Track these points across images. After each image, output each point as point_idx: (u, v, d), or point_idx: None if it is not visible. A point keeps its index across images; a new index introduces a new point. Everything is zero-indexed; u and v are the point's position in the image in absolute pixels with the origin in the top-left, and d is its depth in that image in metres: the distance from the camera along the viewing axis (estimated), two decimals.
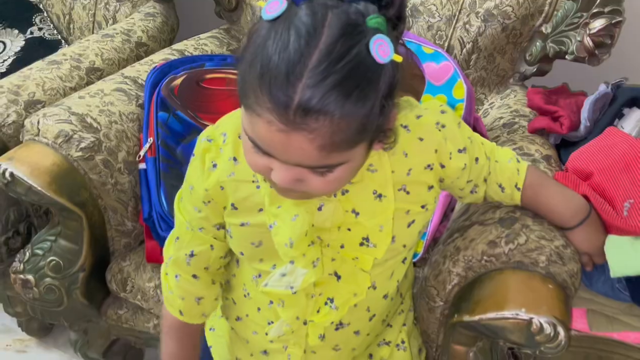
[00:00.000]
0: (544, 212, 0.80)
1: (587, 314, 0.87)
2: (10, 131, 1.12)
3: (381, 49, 0.46)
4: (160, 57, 1.27)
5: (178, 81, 1.15)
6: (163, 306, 0.79)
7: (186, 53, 1.30)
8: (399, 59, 0.48)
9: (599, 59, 1.05)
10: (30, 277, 1.08)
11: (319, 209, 0.61)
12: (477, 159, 0.71)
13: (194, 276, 0.73)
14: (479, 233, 0.80)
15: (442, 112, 0.68)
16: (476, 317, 0.74)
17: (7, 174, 0.98)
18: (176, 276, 0.74)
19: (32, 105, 1.15)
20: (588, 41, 1.03)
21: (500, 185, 0.75)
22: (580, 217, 0.79)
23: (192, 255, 0.71)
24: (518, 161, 0.77)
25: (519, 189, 0.76)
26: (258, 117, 0.48)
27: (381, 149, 0.58)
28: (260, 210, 0.63)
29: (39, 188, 0.98)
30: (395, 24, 0.50)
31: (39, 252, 1.08)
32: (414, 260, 0.95)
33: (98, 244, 1.11)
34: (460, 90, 1.03)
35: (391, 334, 0.81)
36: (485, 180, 0.75)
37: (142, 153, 1.09)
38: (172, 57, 1.25)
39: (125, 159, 1.10)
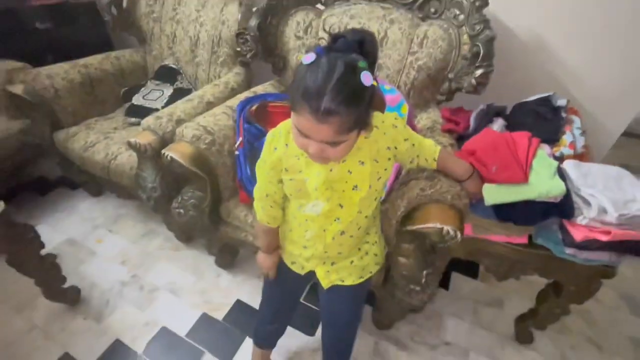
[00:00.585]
0: (449, 172, 0.81)
1: (472, 227, 0.89)
2: (169, 135, 1.13)
3: (366, 78, 0.50)
4: (243, 95, 1.26)
5: (254, 107, 1.15)
6: (257, 222, 0.80)
7: (257, 92, 1.30)
8: (375, 83, 0.52)
9: (479, 91, 1.04)
10: (181, 210, 1.10)
11: (331, 170, 0.64)
12: (413, 145, 0.71)
13: (270, 206, 0.75)
14: (415, 184, 0.81)
15: (396, 118, 0.69)
16: (414, 227, 0.77)
17: (168, 157, 1.00)
18: (262, 208, 0.76)
19: (179, 122, 1.16)
20: (473, 82, 1.02)
21: (426, 159, 0.76)
22: (468, 174, 0.81)
23: (267, 195, 0.73)
24: (435, 145, 0.77)
25: (435, 160, 0.77)
26: (301, 116, 0.52)
27: (364, 135, 0.60)
28: (300, 172, 0.65)
29: (185, 164, 1.00)
30: (372, 66, 0.53)
31: (186, 197, 1.10)
32: (381, 200, 0.97)
33: (215, 193, 1.12)
34: (405, 109, 1.03)
35: (369, 238, 0.81)
36: (418, 156, 0.75)
37: (236, 146, 1.10)
38: (250, 95, 1.24)
39: (228, 150, 1.11)
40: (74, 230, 1.57)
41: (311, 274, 0.82)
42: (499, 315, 1.28)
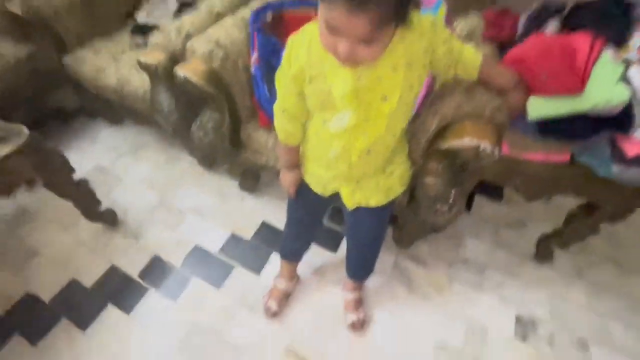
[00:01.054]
0: (491, 83, 0.72)
1: (508, 144, 0.83)
2: (179, 52, 1.06)
3: None
4: (256, 3, 1.13)
5: (269, 17, 1.05)
6: (278, 140, 0.76)
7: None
8: None
9: None
10: (201, 133, 1.09)
11: (359, 77, 0.57)
12: (452, 50, 0.63)
13: (288, 121, 0.71)
14: (450, 99, 0.74)
15: (434, 19, 0.60)
16: (447, 145, 0.73)
17: (182, 77, 0.95)
18: (280, 124, 0.73)
19: (188, 36, 1.07)
20: None
21: (465, 68, 0.67)
22: (512, 84, 0.72)
23: (283, 111, 0.69)
24: (477, 52, 0.68)
25: (476, 69, 0.67)
26: (333, 9, 0.46)
27: (401, 32, 0.53)
28: (325, 79, 0.59)
29: (199, 84, 0.95)
30: None
31: (204, 120, 1.07)
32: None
33: (233, 114, 1.08)
34: (442, 11, 0.90)
35: (395, 158, 0.76)
36: (456, 64, 0.66)
37: (252, 62, 1.02)
38: (264, 3, 1.10)
39: (242, 65, 1.04)
40: (100, 157, 1.61)
41: (334, 196, 0.81)
42: (521, 236, 1.28)
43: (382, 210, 0.81)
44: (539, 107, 0.71)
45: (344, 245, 1.27)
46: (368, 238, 0.87)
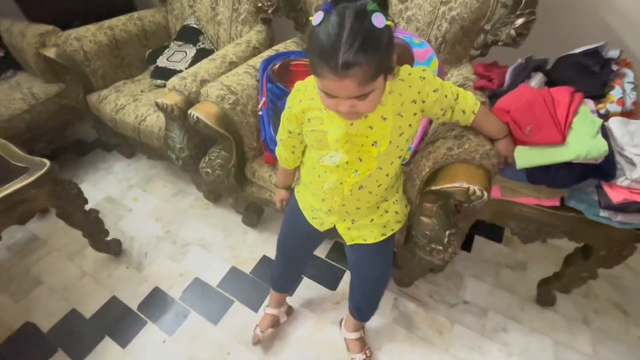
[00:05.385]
0: (483, 130, 0.77)
1: (500, 189, 0.87)
2: (194, 96, 1.14)
3: (378, 20, 0.47)
4: (266, 54, 1.23)
5: (276, 66, 1.12)
6: (279, 164, 0.88)
7: (280, 50, 1.26)
8: (390, 22, 0.49)
9: (519, 43, 0.96)
10: (208, 170, 1.13)
11: (352, 124, 0.63)
12: (446, 96, 0.68)
13: (284, 149, 0.80)
14: (442, 143, 0.79)
15: (424, 70, 0.66)
16: (439, 187, 0.75)
17: (194, 117, 1.02)
18: (278, 147, 0.82)
19: (203, 82, 1.16)
20: (513, 33, 0.94)
21: (463, 111, 0.72)
22: (503, 134, 0.78)
23: (280, 140, 0.79)
24: (477, 99, 0.74)
25: (474, 113, 0.73)
26: (323, 77, 0.51)
27: (391, 79, 0.58)
28: (321, 123, 0.65)
29: (210, 124, 1.02)
30: (384, 6, 0.50)
31: (212, 157, 1.12)
32: (404, 163, 0.95)
33: (240, 153, 1.13)
34: (435, 64, 0.97)
35: (390, 197, 0.80)
36: (452, 108, 0.71)
37: (259, 106, 1.09)
38: (272, 54, 1.21)
39: (251, 109, 1.10)
40: (111, 189, 1.67)
41: (329, 231, 0.84)
42: (522, 278, 1.27)
43: (381, 247, 0.82)
44: (525, 157, 0.75)
45: (343, 283, 1.26)
46: (371, 275, 0.86)
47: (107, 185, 1.69)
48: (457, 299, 1.21)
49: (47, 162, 0.99)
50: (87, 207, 1.19)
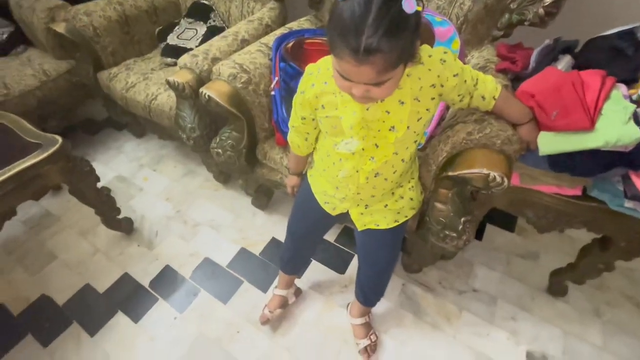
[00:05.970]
0: (505, 115, 0.74)
1: (519, 176, 0.84)
2: (205, 74, 1.12)
3: (409, 4, 0.44)
4: (279, 31, 1.19)
5: (290, 45, 1.09)
6: (291, 151, 0.86)
7: (293, 28, 1.22)
8: (419, 8, 0.45)
9: (547, 23, 0.90)
10: (219, 150, 1.12)
11: (368, 109, 0.61)
12: (465, 81, 0.65)
13: (297, 136, 0.78)
14: (462, 127, 0.76)
15: (445, 52, 0.62)
16: (457, 172, 0.74)
17: (206, 96, 1.00)
18: (290, 134, 0.79)
19: (215, 60, 1.14)
20: (541, 11, 0.89)
21: (482, 97, 0.69)
22: (526, 119, 0.75)
23: (293, 127, 0.76)
24: (497, 83, 0.70)
25: (495, 99, 0.69)
26: (341, 59, 0.48)
27: (412, 66, 0.56)
28: (336, 109, 0.63)
29: (222, 103, 1.00)
30: None
31: (223, 137, 1.11)
32: (419, 147, 0.93)
33: (251, 134, 1.12)
34: (456, 44, 0.94)
35: (405, 182, 0.78)
36: (470, 94, 0.68)
37: (272, 86, 1.07)
38: (285, 32, 1.17)
39: (263, 89, 1.08)
40: (122, 168, 1.68)
41: (341, 216, 0.83)
42: (533, 267, 1.25)
43: (393, 233, 0.81)
44: (549, 143, 0.72)
45: (351, 267, 1.26)
46: (380, 261, 0.86)
47: (117, 164, 1.70)
48: (467, 287, 1.21)
49: (60, 139, 0.99)
50: (99, 185, 1.20)
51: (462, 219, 0.82)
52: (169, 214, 1.47)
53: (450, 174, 0.76)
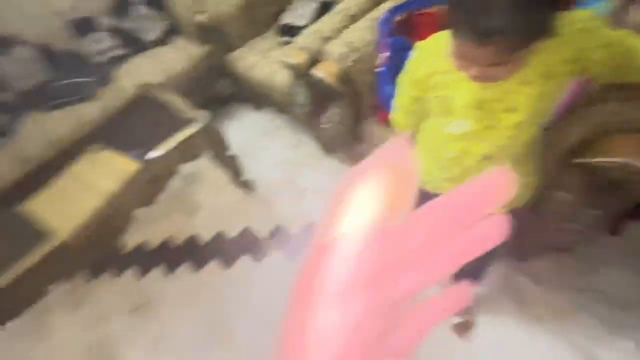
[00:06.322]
0: None
1: None
2: (318, 54, 1.16)
3: None
4: (387, 4, 1.16)
5: (399, 19, 1.08)
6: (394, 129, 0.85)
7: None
8: None
9: None
10: (327, 125, 1.22)
11: (484, 89, 0.57)
12: (618, 53, 0.53)
13: (402, 115, 0.77)
14: (601, 107, 0.66)
15: (589, 19, 0.53)
16: (589, 159, 0.66)
17: (317, 76, 1.09)
18: (398, 120, 0.79)
19: (326, 40, 1.18)
20: None
21: None
22: None
23: (400, 107, 0.76)
24: None
25: None
26: (461, 39, 0.47)
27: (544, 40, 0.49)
28: (447, 88, 0.61)
29: (331, 83, 1.07)
30: None
31: (331, 113, 1.19)
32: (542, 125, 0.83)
33: (356, 111, 1.15)
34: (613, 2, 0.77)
35: (522, 169, 0.70)
36: (625, 67, 0.55)
37: (379, 62, 1.07)
38: (394, 4, 1.13)
39: (370, 67, 1.10)
40: (243, 136, 1.95)
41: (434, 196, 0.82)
42: None
43: None
44: None
45: None
46: None
47: (240, 133, 1.98)
48: (587, 286, 1.07)
49: (207, 114, 1.24)
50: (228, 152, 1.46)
51: (591, 213, 0.73)
52: (281, 178, 1.69)
53: (583, 160, 0.67)
